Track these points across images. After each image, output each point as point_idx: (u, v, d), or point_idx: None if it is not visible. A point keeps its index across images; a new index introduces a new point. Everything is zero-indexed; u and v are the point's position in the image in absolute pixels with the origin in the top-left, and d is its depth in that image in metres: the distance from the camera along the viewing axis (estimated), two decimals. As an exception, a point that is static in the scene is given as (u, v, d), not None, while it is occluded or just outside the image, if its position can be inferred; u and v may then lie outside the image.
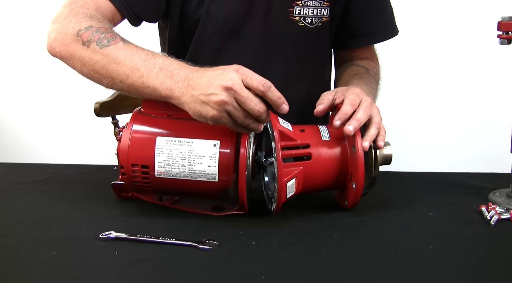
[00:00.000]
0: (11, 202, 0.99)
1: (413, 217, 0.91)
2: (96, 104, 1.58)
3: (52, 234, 0.83)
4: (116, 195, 0.99)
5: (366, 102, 0.91)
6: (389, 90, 1.86)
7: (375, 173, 0.91)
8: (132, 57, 0.87)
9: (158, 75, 0.84)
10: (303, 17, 1.09)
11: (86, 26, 0.91)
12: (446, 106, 2.07)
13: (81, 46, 0.90)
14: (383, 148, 0.91)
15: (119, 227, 0.84)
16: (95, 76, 0.91)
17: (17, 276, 0.69)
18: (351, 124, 0.87)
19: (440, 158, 2.05)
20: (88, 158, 2.10)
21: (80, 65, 0.91)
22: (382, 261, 0.74)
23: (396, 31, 1.21)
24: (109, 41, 0.88)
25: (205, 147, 0.85)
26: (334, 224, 0.88)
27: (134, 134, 0.88)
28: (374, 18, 1.19)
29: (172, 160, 0.85)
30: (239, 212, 0.90)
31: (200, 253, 0.76)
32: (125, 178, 0.89)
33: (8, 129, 2.31)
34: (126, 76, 0.86)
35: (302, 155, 0.89)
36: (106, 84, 0.90)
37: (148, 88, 0.85)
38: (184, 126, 0.87)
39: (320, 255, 0.76)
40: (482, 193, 1.01)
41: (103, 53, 0.88)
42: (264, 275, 0.70)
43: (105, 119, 1.66)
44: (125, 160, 0.87)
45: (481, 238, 0.83)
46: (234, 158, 0.85)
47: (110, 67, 0.87)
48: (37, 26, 2.20)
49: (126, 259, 0.74)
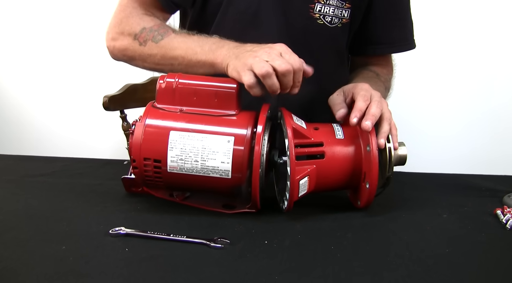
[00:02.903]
0: (19, 195, 0.98)
1: (427, 218, 0.90)
2: (105, 98, 1.57)
3: (61, 228, 0.82)
4: (125, 189, 0.98)
5: (376, 97, 0.91)
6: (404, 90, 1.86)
7: (389, 173, 0.90)
8: (185, 42, 0.98)
9: (211, 48, 0.94)
10: (323, 15, 1.08)
11: (139, 29, 1.04)
12: (460, 107, 2.06)
13: (138, 47, 1.03)
14: (397, 149, 0.90)
15: (129, 223, 0.83)
16: (157, 68, 1.04)
17: (26, 271, 0.68)
18: (368, 120, 0.86)
19: (453, 159, 2.04)
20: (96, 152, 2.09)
21: (142, 63, 1.05)
22: (397, 263, 0.73)
23: (414, 45, 1.21)
24: (162, 35, 1.01)
25: (219, 143, 0.84)
26: (348, 224, 0.86)
27: (147, 128, 0.86)
28: (394, 28, 1.18)
29: (185, 155, 0.84)
30: (251, 210, 0.88)
31: (212, 251, 0.75)
32: (136, 171, 0.88)
33: (17, 122, 2.31)
34: (182, 58, 0.97)
35: (316, 153, 0.88)
36: (168, 70, 0.99)
37: (202, 64, 0.95)
38: (198, 122, 0.86)
39: (334, 255, 0.75)
40: (497, 195, 1.00)
41: (159, 46, 1.00)
42: (278, 275, 0.68)
43: (113, 113, 1.65)
44: (138, 154, 0.86)
45: (498, 242, 0.81)
46: (248, 155, 0.84)
47: (168, 55, 0.99)
48: (47, 20, 2.20)
49: (136, 255, 0.73)
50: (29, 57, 2.25)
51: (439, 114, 2.08)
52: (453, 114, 2.07)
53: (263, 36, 1.06)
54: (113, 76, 1.93)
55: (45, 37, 2.22)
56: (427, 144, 2.04)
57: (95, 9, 2.12)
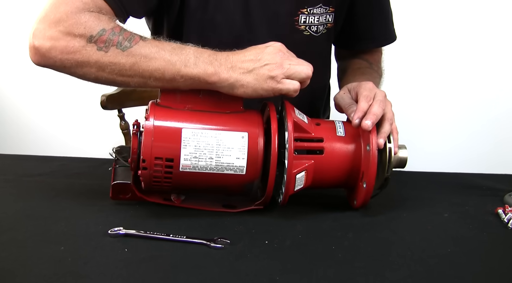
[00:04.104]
0: (17, 195, 0.97)
1: (428, 218, 0.89)
2: (103, 97, 1.56)
3: (59, 229, 0.81)
4: (112, 197, 0.92)
5: (380, 96, 0.90)
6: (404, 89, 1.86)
7: (387, 174, 0.89)
8: (161, 53, 0.83)
9: (196, 64, 0.83)
10: (308, 26, 1.07)
11: (98, 30, 0.83)
12: (460, 106, 2.05)
13: (96, 51, 0.83)
14: (397, 152, 0.89)
15: (128, 223, 0.82)
16: (117, 79, 0.85)
17: (24, 272, 0.67)
18: (368, 119, 0.85)
19: (452, 158, 2.03)
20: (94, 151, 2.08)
21: (96, 71, 0.85)
22: (399, 263, 0.72)
23: (395, 37, 1.22)
24: (129, 42, 0.83)
25: (233, 139, 0.83)
26: (348, 224, 0.86)
27: (157, 127, 0.83)
28: (377, 22, 1.19)
29: (200, 152, 0.82)
30: (259, 207, 0.88)
31: (212, 251, 0.74)
32: (145, 172, 0.84)
33: (13, 121, 2.30)
34: (161, 73, 0.83)
35: (315, 149, 0.87)
36: (134, 84, 0.86)
37: (189, 80, 0.83)
38: (209, 119, 0.85)
39: (335, 256, 0.74)
40: (497, 194, 1.00)
41: (129, 55, 0.83)
42: (279, 276, 0.68)
43: (111, 112, 1.64)
44: (148, 154, 0.82)
45: (500, 241, 0.81)
46: (263, 150, 0.84)
47: (140, 67, 0.83)
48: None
49: (136, 256, 0.72)
50: (25, 56, 2.23)
51: (437, 113, 2.07)
52: (450, 112, 2.07)
53: None
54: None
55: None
56: (425, 143, 2.04)
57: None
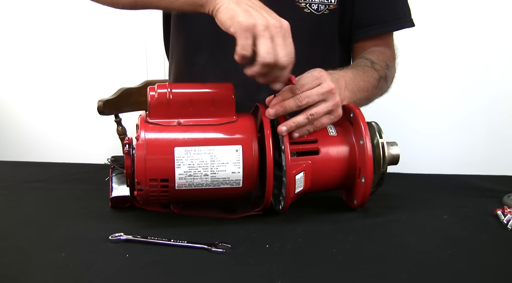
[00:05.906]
0: (16, 201, 0.97)
1: (427, 220, 0.89)
2: (100, 102, 1.56)
3: (60, 235, 0.81)
4: (112, 207, 0.93)
5: (306, 86, 0.86)
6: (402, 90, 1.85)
7: (383, 169, 0.89)
8: None
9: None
10: (309, 4, 1.07)
11: None
12: (459, 108, 2.06)
13: None
14: (389, 148, 0.89)
15: (129, 228, 0.82)
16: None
17: (27, 279, 0.67)
18: (273, 109, 0.83)
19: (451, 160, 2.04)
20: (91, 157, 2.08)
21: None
22: (400, 266, 0.72)
23: (410, 23, 1.18)
24: None
25: (227, 153, 0.82)
26: (348, 226, 0.86)
27: (149, 147, 0.81)
28: (382, 6, 1.16)
29: (194, 170, 0.81)
30: (258, 212, 0.88)
31: (213, 256, 0.74)
32: (141, 193, 0.83)
33: (11, 127, 2.29)
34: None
35: (310, 150, 0.87)
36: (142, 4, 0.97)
37: None
38: (201, 133, 0.83)
39: (336, 259, 0.74)
40: (496, 196, 1.00)
41: None
42: (281, 279, 0.68)
43: (108, 118, 1.64)
44: (143, 175, 0.81)
45: (500, 243, 0.81)
46: (258, 160, 0.83)
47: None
48: (41, 26, 2.18)
49: (137, 261, 0.72)
50: (23, 62, 2.23)
51: (435, 115, 2.08)
52: (449, 114, 2.07)
53: None
54: (107, 81, 1.92)
55: (40, 42, 2.20)
56: (424, 145, 2.04)
57: (89, 15, 2.10)
